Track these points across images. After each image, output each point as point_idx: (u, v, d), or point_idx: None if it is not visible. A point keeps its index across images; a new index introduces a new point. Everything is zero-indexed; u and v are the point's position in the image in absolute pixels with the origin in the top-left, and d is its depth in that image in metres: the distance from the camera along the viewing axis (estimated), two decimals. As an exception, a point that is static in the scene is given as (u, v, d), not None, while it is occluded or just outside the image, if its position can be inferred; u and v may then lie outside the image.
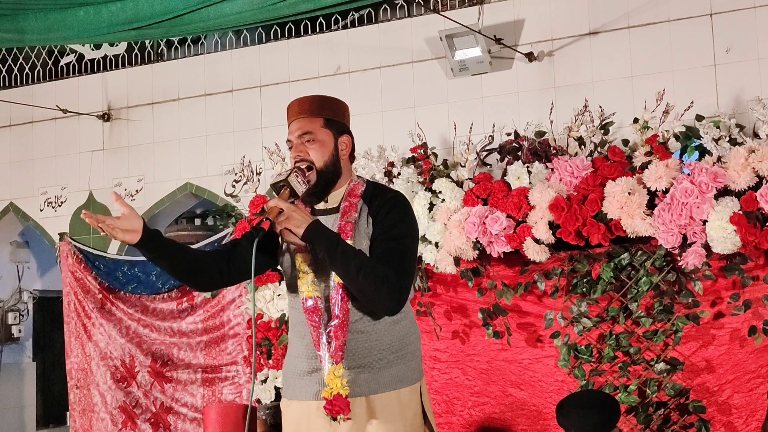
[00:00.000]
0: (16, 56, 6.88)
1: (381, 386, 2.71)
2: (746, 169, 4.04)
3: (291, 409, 2.81)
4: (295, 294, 2.78)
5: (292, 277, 2.79)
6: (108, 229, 2.55)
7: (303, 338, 2.76)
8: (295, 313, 2.81)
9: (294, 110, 2.81)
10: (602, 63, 5.02)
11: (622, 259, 4.34)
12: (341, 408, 2.63)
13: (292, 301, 2.83)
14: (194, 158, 6.12)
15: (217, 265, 2.78)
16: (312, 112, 2.78)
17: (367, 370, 2.70)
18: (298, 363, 2.78)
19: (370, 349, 2.71)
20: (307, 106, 2.80)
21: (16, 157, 6.79)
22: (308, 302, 2.71)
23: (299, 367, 2.77)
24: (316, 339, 2.70)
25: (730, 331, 4.24)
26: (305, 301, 2.72)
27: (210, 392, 5.74)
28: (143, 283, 6.01)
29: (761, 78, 4.65)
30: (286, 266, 2.83)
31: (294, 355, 2.81)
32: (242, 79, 6.03)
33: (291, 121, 2.80)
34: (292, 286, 2.80)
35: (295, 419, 2.78)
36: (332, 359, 2.66)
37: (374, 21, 5.74)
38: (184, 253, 2.73)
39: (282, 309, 5.21)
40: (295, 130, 2.76)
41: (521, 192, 4.44)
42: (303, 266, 2.74)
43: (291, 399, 2.81)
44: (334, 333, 2.67)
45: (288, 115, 2.83)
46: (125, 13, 4.86)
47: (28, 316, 7.44)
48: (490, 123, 5.08)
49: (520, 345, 4.64)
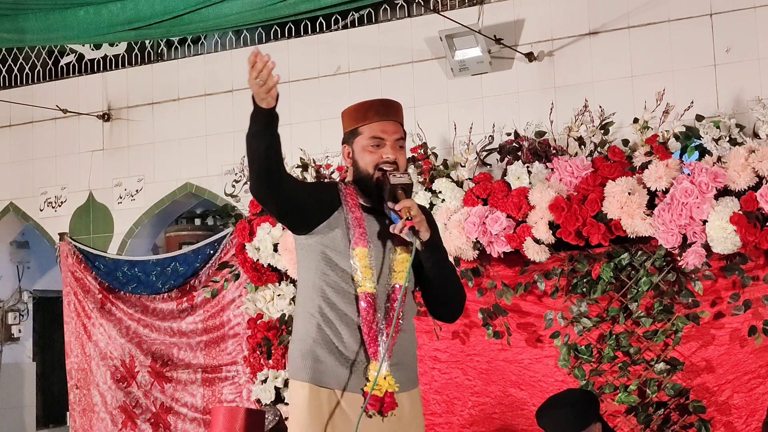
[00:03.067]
0: (16, 56, 6.88)
1: (412, 383, 2.83)
2: (746, 169, 4.04)
3: (320, 396, 2.74)
4: (342, 281, 2.76)
5: (341, 264, 2.76)
6: (270, 81, 2.54)
7: (348, 326, 2.74)
8: (339, 300, 2.76)
9: (384, 110, 2.88)
10: (602, 63, 5.02)
11: (622, 259, 4.34)
12: (390, 405, 2.71)
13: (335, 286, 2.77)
14: (194, 158, 6.12)
15: (289, 182, 2.74)
16: (399, 117, 2.89)
17: (403, 367, 2.79)
18: (341, 352, 2.74)
19: (407, 348, 2.82)
20: (396, 110, 2.90)
21: (16, 157, 6.79)
22: (367, 298, 2.74)
23: (341, 356, 2.74)
24: (370, 334, 2.72)
25: (730, 331, 4.24)
26: (365, 296, 2.74)
27: (210, 392, 5.74)
28: (143, 283, 6.00)
29: (761, 78, 4.65)
30: (334, 244, 2.78)
31: (332, 342, 2.75)
32: (242, 79, 5.99)
33: (381, 120, 2.84)
34: (336, 269, 2.77)
35: (326, 408, 2.72)
36: (384, 356, 2.71)
37: (374, 21, 5.74)
38: (280, 145, 2.67)
39: (282, 309, 5.21)
40: (392, 132, 2.83)
41: (521, 192, 4.44)
42: (366, 260, 2.76)
43: (324, 386, 2.74)
44: (387, 330, 2.74)
45: (373, 110, 2.86)
46: (125, 13, 4.86)
47: (28, 316, 7.44)
48: (490, 123, 5.08)
49: (520, 345, 4.64)
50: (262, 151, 2.59)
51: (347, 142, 2.87)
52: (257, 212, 5.27)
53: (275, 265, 5.17)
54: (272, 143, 2.60)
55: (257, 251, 5.18)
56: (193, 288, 5.82)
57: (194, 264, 5.82)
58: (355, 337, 2.74)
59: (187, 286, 5.84)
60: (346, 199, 2.81)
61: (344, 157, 2.89)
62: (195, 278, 5.81)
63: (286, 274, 5.17)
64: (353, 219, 2.78)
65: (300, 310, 2.83)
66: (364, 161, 2.80)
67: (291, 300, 5.19)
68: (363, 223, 2.79)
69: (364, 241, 2.75)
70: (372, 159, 2.79)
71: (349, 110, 2.90)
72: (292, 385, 2.80)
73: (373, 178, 2.79)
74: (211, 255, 5.74)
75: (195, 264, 5.82)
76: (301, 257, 2.84)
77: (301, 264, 2.86)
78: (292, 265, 5.05)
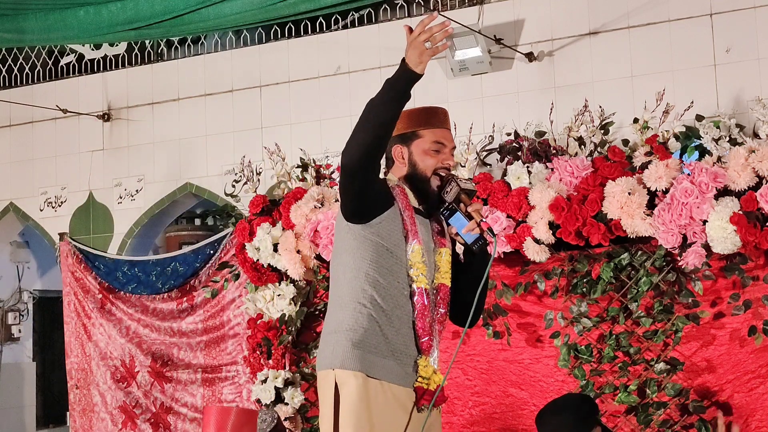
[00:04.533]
0: (16, 56, 6.88)
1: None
2: (746, 169, 4.04)
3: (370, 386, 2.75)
4: (395, 275, 2.81)
5: (396, 259, 2.81)
6: (440, 46, 2.66)
7: (400, 320, 2.80)
8: (393, 293, 2.80)
9: (445, 118, 3.00)
10: (602, 63, 5.02)
11: (622, 259, 4.34)
12: (442, 398, 2.84)
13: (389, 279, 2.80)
14: (194, 158, 6.12)
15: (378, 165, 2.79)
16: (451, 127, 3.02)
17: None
18: (392, 344, 2.78)
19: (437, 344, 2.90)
20: (449, 121, 3.02)
21: (16, 157, 6.79)
22: (423, 293, 2.82)
23: (392, 348, 2.78)
24: (424, 329, 2.80)
25: (730, 331, 4.24)
26: (421, 291, 2.81)
27: (210, 392, 5.74)
28: (143, 283, 6.00)
29: (761, 78, 4.65)
30: (390, 238, 2.82)
31: (384, 334, 2.77)
32: (242, 79, 6.03)
33: (441, 127, 2.95)
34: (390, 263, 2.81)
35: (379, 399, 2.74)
36: (434, 350, 2.84)
37: (374, 21, 5.74)
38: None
39: (282, 309, 5.21)
40: (450, 139, 2.96)
41: (521, 192, 4.44)
42: (421, 257, 2.83)
43: (374, 377, 2.75)
44: (438, 327, 2.87)
45: (437, 118, 2.97)
46: (125, 13, 4.86)
47: (28, 316, 7.45)
48: (490, 123, 5.08)
49: (520, 345, 4.64)
50: (388, 119, 2.64)
51: (404, 143, 2.93)
52: (257, 212, 5.27)
53: (275, 265, 5.17)
54: (398, 115, 2.66)
55: (257, 251, 5.18)
56: (193, 288, 5.82)
57: (194, 264, 5.82)
58: (406, 331, 2.80)
59: (187, 286, 5.84)
60: (399, 196, 2.87)
61: (395, 157, 2.94)
62: (195, 278, 5.81)
63: (286, 274, 5.17)
64: (408, 216, 2.84)
65: (347, 299, 2.81)
66: (425, 164, 2.90)
67: (291, 300, 5.19)
68: (416, 221, 2.85)
69: (419, 238, 2.83)
70: (432, 163, 2.90)
71: (410, 113, 2.94)
72: (341, 375, 2.75)
73: (429, 180, 2.89)
74: (211, 255, 5.74)
75: (195, 264, 5.82)
76: (352, 247, 2.83)
77: (349, 253, 2.83)
78: (292, 265, 5.05)
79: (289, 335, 5.20)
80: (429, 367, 2.79)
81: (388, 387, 2.75)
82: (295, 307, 5.20)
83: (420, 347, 2.79)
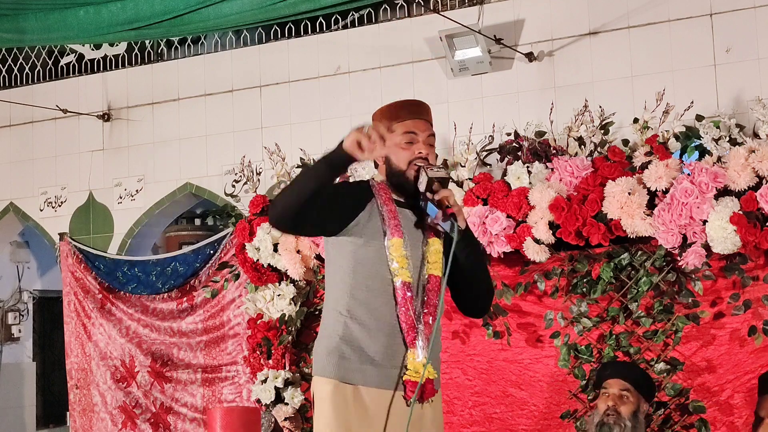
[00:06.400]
0: (16, 56, 6.88)
1: (438, 371, 2.87)
2: (746, 169, 4.04)
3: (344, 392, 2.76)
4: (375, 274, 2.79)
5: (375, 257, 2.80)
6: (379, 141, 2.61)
7: (379, 322, 2.77)
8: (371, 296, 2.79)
9: (416, 109, 2.96)
10: (602, 63, 5.02)
11: (622, 259, 4.34)
12: (431, 391, 2.80)
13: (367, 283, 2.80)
14: (194, 158, 6.12)
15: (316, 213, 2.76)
16: (429, 117, 2.97)
17: (435, 364, 2.86)
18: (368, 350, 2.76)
19: (435, 347, 2.85)
20: (426, 110, 2.98)
21: (16, 157, 6.79)
22: (405, 286, 2.79)
23: (367, 353, 2.76)
24: (408, 322, 2.77)
25: (730, 331, 4.24)
26: (402, 284, 2.78)
27: (210, 392, 5.74)
28: (143, 283, 6.01)
29: (761, 78, 4.64)
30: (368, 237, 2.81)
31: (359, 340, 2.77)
32: (242, 79, 6.03)
33: (413, 118, 2.91)
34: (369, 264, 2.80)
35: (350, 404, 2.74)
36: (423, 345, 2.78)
37: (374, 21, 5.74)
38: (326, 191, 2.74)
39: (282, 309, 5.21)
40: (423, 129, 2.91)
41: (521, 192, 4.44)
42: (401, 250, 2.80)
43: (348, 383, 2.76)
44: (425, 321, 2.80)
45: (406, 109, 2.94)
46: (125, 13, 4.86)
47: (28, 316, 7.44)
48: (490, 123, 5.08)
49: (520, 345, 4.64)
50: (313, 187, 2.65)
51: None
52: (257, 212, 5.27)
53: (275, 265, 5.17)
54: (325, 185, 2.67)
55: (257, 251, 5.18)
56: (193, 288, 5.82)
57: (194, 264, 5.82)
58: (388, 331, 2.77)
59: (187, 286, 5.84)
60: (379, 193, 2.86)
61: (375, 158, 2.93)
62: (195, 278, 5.81)
63: (286, 274, 5.17)
64: (387, 211, 2.83)
65: (329, 307, 2.86)
66: (398, 158, 2.87)
67: (291, 300, 5.19)
68: (397, 215, 2.84)
69: (398, 232, 2.81)
70: (405, 155, 2.86)
71: (381, 110, 2.96)
72: (317, 382, 2.83)
73: (405, 173, 2.85)
74: (211, 255, 5.75)
75: (195, 264, 5.82)
76: (332, 255, 2.88)
77: (331, 263, 2.89)
78: (292, 265, 5.05)
79: (289, 335, 5.20)
80: (416, 360, 2.76)
81: (365, 391, 2.75)
82: (295, 307, 5.20)
83: (405, 341, 2.78)
